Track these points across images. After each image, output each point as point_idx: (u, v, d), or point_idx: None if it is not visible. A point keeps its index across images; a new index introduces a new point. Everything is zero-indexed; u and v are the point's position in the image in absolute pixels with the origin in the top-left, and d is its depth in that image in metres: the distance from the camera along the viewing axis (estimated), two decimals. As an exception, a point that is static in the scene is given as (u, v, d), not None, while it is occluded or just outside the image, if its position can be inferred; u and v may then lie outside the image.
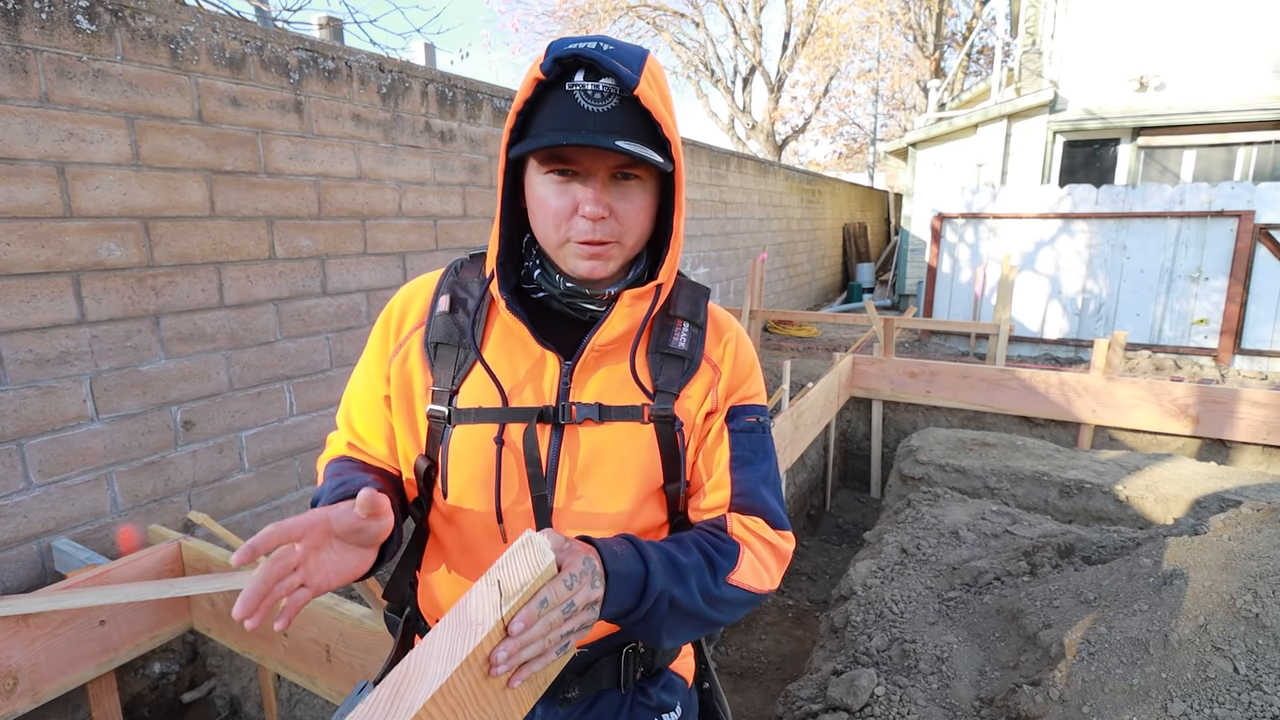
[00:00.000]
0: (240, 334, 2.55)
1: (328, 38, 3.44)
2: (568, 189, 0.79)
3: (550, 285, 0.87)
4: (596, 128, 0.74)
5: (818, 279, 11.85)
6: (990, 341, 6.05)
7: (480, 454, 0.85)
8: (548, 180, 0.79)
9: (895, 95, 22.94)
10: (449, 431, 0.86)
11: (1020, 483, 3.63)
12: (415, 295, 0.94)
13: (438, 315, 0.90)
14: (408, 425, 0.91)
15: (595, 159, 0.77)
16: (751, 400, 0.93)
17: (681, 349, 0.90)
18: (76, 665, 1.81)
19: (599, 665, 0.91)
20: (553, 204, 0.79)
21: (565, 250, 0.82)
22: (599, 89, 0.74)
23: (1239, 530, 2.10)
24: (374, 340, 0.94)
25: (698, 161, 6.62)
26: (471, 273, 0.93)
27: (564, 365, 0.86)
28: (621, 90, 0.75)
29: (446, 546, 0.92)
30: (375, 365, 0.93)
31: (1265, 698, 1.63)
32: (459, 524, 0.89)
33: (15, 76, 1.90)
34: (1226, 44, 8.40)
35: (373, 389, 0.93)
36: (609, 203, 0.79)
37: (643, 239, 0.85)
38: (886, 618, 2.34)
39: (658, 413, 0.87)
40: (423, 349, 0.90)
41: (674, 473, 0.89)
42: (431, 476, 0.90)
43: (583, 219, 0.79)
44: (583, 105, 0.74)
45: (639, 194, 0.81)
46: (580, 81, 0.75)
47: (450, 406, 0.86)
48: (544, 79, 0.76)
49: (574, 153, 0.77)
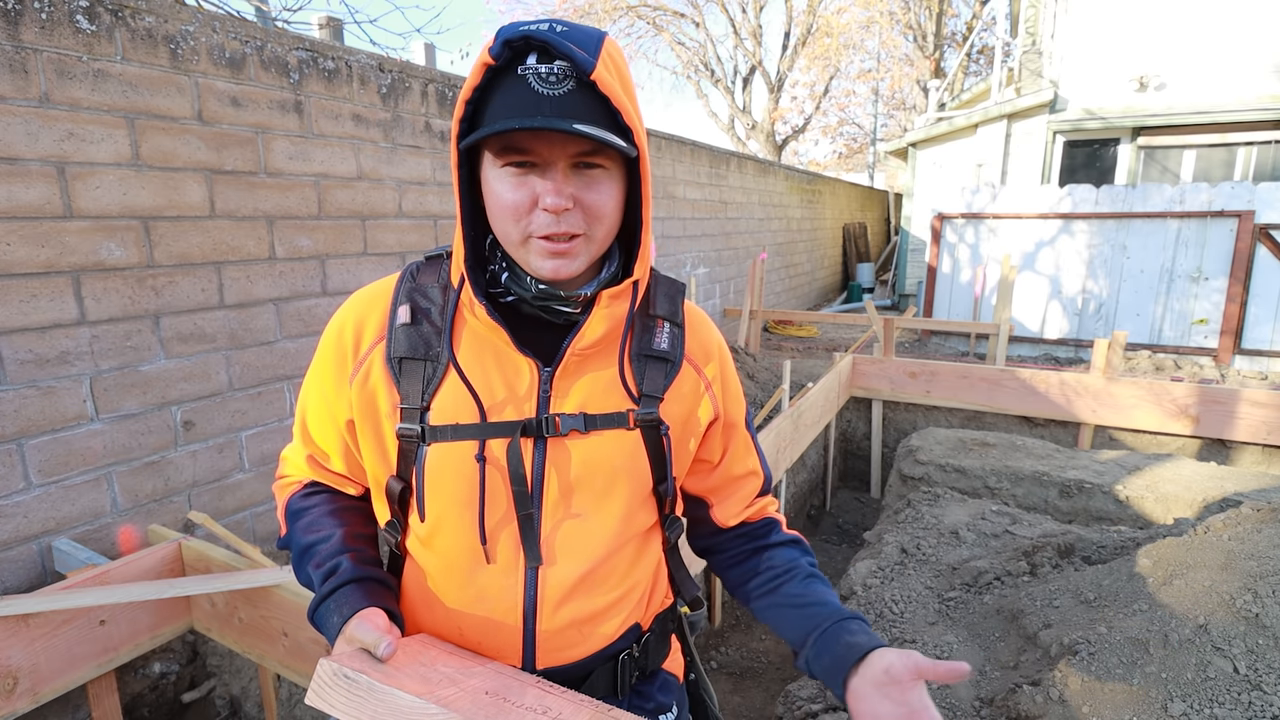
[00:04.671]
0: (240, 334, 2.55)
1: (328, 38, 3.44)
2: (525, 181, 0.73)
3: (521, 288, 0.81)
4: (553, 112, 0.68)
5: (818, 279, 11.84)
6: (990, 341, 6.05)
7: (460, 473, 0.80)
8: (504, 174, 0.73)
9: (895, 95, 22.94)
10: (423, 451, 0.81)
11: (1020, 483, 3.63)
12: (370, 308, 0.86)
13: (399, 328, 0.83)
14: (376, 446, 0.85)
15: (554, 146, 0.71)
16: (740, 397, 0.98)
17: (664, 350, 0.87)
18: (76, 665, 1.81)
19: (596, 675, 0.89)
20: (509, 198, 0.73)
21: (527, 249, 0.76)
22: (554, 71, 0.69)
23: (1239, 530, 2.10)
24: (326, 359, 0.87)
25: (698, 161, 6.62)
26: (429, 278, 0.87)
27: (543, 373, 0.82)
28: (578, 74, 0.69)
29: (425, 570, 0.86)
30: (331, 387, 0.86)
31: (1265, 698, 1.63)
32: (438, 548, 0.84)
33: (15, 76, 1.90)
34: (1226, 44, 8.40)
35: (330, 411, 0.87)
36: (572, 193, 0.73)
37: (612, 232, 0.80)
38: (886, 618, 2.34)
39: (643, 418, 0.84)
40: (385, 365, 0.83)
41: (662, 474, 0.87)
42: (406, 499, 0.85)
43: (544, 212, 0.73)
44: (536, 89, 0.69)
45: (605, 183, 0.75)
46: (533, 64, 0.69)
47: (422, 424, 0.80)
48: (494, 64, 0.70)
49: (530, 141, 0.71)
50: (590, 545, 0.84)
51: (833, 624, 0.86)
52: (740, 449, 0.98)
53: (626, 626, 0.91)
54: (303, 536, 0.86)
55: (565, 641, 0.86)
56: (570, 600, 0.84)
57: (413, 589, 0.88)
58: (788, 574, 0.94)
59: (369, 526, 0.91)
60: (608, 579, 0.86)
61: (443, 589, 0.85)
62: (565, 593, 0.84)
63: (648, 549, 0.92)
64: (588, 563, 0.84)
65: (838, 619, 0.86)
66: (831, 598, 0.91)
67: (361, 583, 0.82)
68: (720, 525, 0.99)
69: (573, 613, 0.85)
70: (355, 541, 0.86)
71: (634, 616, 0.92)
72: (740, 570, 0.98)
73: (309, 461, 0.92)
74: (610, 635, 0.89)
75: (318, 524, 0.86)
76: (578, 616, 0.85)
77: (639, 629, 0.93)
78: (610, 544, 0.85)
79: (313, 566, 0.85)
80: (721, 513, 0.99)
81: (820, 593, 0.91)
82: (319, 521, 0.87)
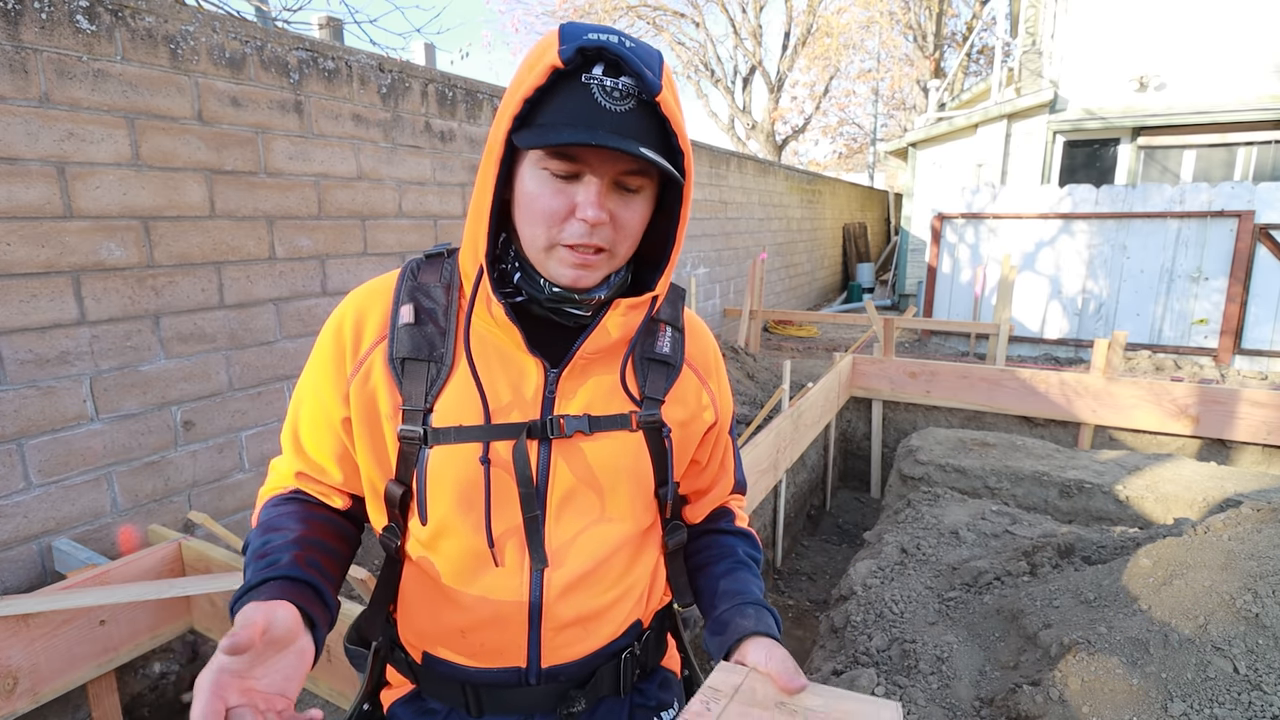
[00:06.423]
0: (240, 334, 2.55)
1: (328, 38, 3.44)
2: (566, 189, 0.72)
3: (534, 289, 0.79)
4: (614, 129, 0.68)
5: (818, 279, 11.84)
6: (990, 341, 6.05)
7: (464, 475, 0.79)
8: (546, 177, 0.72)
9: (895, 95, 22.94)
10: (425, 453, 0.80)
11: (1020, 483, 3.63)
12: (370, 306, 0.85)
13: (401, 328, 0.82)
14: (373, 449, 0.83)
15: (605, 162, 0.71)
16: (730, 403, 1.00)
17: (666, 354, 0.88)
18: (76, 665, 1.81)
19: (599, 674, 0.90)
20: (547, 203, 0.72)
21: (551, 254, 0.75)
22: (619, 87, 0.68)
23: (1239, 530, 2.10)
24: (324, 358, 0.84)
25: (698, 162, 6.62)
26: (431, 277, 0.85)
27: (549, 374, 0.81)
28: (642, 93, 0.69)
29: (428, 573, 0.85)
30: (330, 386, 0.84)
31: (1265, 698, 1.63)
32: (442, 551, 0.83)
33: (15, 76, 1.90)
34: (1226, 44, 8.40)
35: (326, 411, 0.84)
36: (610, 209, 0.73)
37: (634, 248, 0.79)
38: (886, 618, 2.34)
39: (646, 420, 0.85)
40: (387, 365, 0.81)
41: (664, 476, 0.88)
42: (406, 503, 0.83)
43: (579, 222, 0.72)
44: (600, 103, 0.68)
45: (641, 204, 0.75)
46: (599, 76, 0.68)
47: (425, 426, 0.79)
48: (562, 68, 0.68)
49: (583, 152, 0.70)
50: (594, 546, 0.85)
51: (732, 607, 0.87)
52: (724, 454, 1.00)
53: (629, 624, 0.92)
54: (259, 536, 0.82)
55: (570, 639, 0.86)
56: (575, 599, 0.85)
57: (414, 592, 0.87)
58: (718, 557, 0.97)
59: (337, 540, 0.86)
60: (610, 577, 0.87)
61: (446, 592, 0.84)
62: (569, 592, 0.84)
63: (647, 548, 0.93)
64: (591, 562, 0.85)
65: (739, 603, 0.88)
66: (748, 585, 0.92)
67: (295, 582, 0.75)
68: (688, 521, 1.02)
69: (577, 610, 0.85)
70: (308, 548, 0.80)
71: (635, 613, 0.93)
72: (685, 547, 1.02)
73: (298, 477, 0.88)
74: (613, 632, 0.90)
75: (278, 523, 0.82)
76: (582, 614, 0.86)
77: (640, 626, 0.95)
78: (613, 544, 0.86)
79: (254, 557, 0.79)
80: (693, 512, 1.02)
81: (740, 578, 0.93)
82: (280, 521, 0.83)
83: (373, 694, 0.94)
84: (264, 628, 0.64)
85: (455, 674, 0.87)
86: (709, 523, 1.02)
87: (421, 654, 0.89)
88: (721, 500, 1.03)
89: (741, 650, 0.82)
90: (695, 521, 1.02)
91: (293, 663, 0.68)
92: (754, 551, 1.00)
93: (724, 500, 1.03)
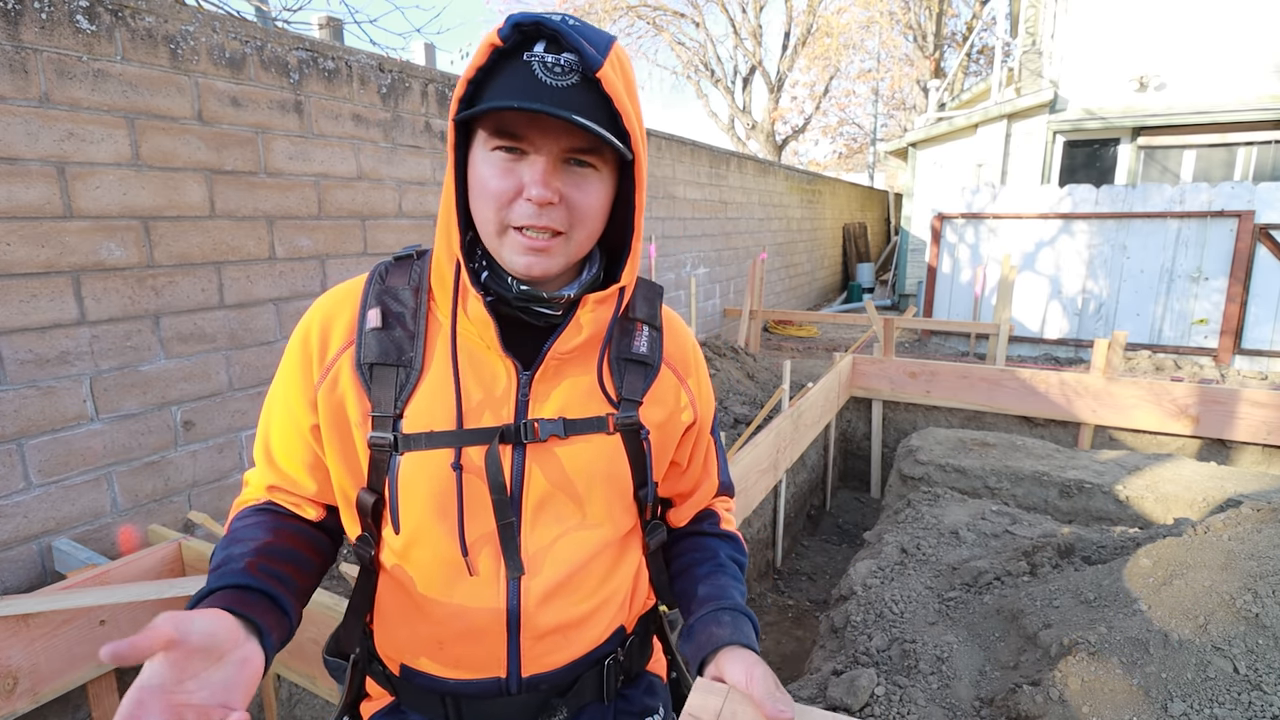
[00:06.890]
0: (240, 334, 2.55)
1: (328, 38, 3.44)
2: (514, 169, 0.71)
3: (502, 288, 0.78)
4: (553, 101, 0.66)
5: (818, 279, 11.84)
6: (990, 341, 6.05)
7: (436, 482, 0.77)
8: (493, 157, 0.71)
9: (895, 95, 22.94)
10: (396, 460, 0.78)
11: (1020, 483, 3.63)
12: (337, 311, 0.82)
13: (369, 332, 0.80)
14: (344, 457, 0.81)
15: (547, 136, 0.69)
16: (711, 402, 0.98)
17: (643, 354, 0.86)
18: (76, 665, 1.81)
19: (582, 681, 0.89)
20: (494, 184, 0.71)
21: (505, 240, 0.73)
22: (560, 62, 0.67)
23: (1239, 530, 2.10)
24: (291, 366, 0.83)
25: (698, 161, 6.62)
26: (400, 280, 0.83)
27: (521, 376, 0.80)
28: (584, 70, 0.67)
29: (403, 584, 0.82)
30: (298, 394, 0.82)
31: (1265, 698, 1.63)
32: (416, 560, 0.81)
33: (15, 76, 1.90)
34: (1226, 44, 8.40)
35: (296, 420, 0.82)
36: (559, 188, 0.71)
37: (594, 235, 0.77)
38: (886, 618, 2.34)
39: (623, 422, 0.83)
40: (355, 371, 0.79)
41: (643, 478, 0.86)
42: (379, 511, 0.81)
43: (526, 202, 0.70)
44: (540, 77, 0.67)
45: (595, 184, 0.73)
46: (540, 52, 0.67)
47: (395, 432, 0.77)
48: (501, 46, 0.68)
49: (525, 127, 0.69)
50: (572, 552, 0.83)
51: (708, 612, 0.86)
52: (706, 454, 0.98)
53: (611, 630, 0.90)
54: (223, 549, 0.80)
55: (550, 647, 0.85)
56: (554, 607, 0.83)
57: (390, 604, 0.85)
58: (699, 560, 0.95)
59: (307, 549, 0.84)
60: (589, 583, 0.86)
61: (421, 602, 0.82)
62: (548, 600, 0.82)
63: (629, 553, 0.91)
64: (569, 569, 0.83)
65: (715, 609, 0.86)
66: (728, 589, 0.90)
67: (244, 590, 0.73)
68: (673, 525, 1.00)
69: (556, 619, 0.83)
70: (267, 556, 0.78)
71: (618, 619, 0.91)
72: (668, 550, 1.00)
73: (270, 490, 0.86)
74: (596, 639, 0.88)
75: (243, 535, 0.81)
76: (562, 622, 0.84)
77: (623, 631, 0.93)
78: (592, 550, 0.85)
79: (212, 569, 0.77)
80: (677, 515, 1.00)
81: (718, 583, 0.91)
82: (245, 533, 0.81)
83: (352, 705, 0.93)
84: (169, 638, 0.59)
85: (434, 686, 0.85)
86: (693, 525, 1.00)
87: (399, 666, 0.87)
88: (706, 503, 1.00)
89: (718, 663, 0.80)
90: (680, 525, 1.00)
91: (232, 673, 0.64)
92: (738, 555, 0.98)
93: (709, 503, 1.01)
